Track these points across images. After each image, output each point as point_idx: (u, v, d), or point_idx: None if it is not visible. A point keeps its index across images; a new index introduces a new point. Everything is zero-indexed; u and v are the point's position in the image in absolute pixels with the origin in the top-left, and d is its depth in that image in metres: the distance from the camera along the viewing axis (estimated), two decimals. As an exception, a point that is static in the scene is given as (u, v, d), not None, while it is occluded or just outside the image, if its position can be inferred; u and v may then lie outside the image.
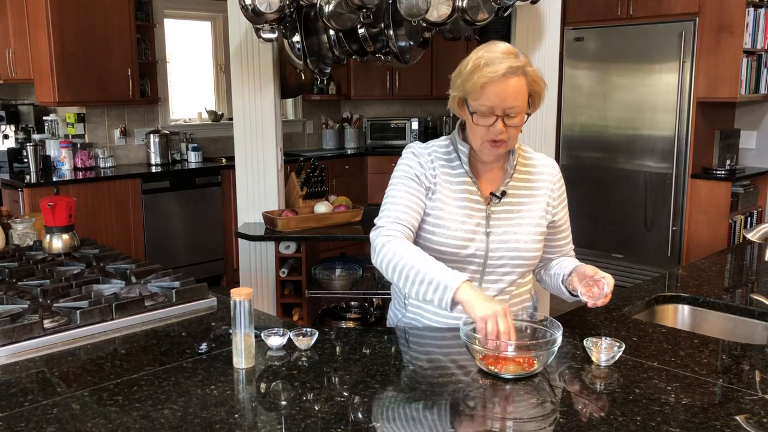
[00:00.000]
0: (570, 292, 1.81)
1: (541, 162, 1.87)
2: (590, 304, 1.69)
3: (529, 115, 1.71)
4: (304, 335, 1.68)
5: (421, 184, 1.77)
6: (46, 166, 5.20)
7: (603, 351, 1.56)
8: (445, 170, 1.78)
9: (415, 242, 1.77)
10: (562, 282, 1.83)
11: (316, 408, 1.36)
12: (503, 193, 1.77)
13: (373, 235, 1.74)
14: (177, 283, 2.03)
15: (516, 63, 1.63)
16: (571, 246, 1.96)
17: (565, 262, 1.87)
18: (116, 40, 5.21)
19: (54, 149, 5.30)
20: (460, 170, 1.78)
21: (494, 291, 1.80)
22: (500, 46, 1.67)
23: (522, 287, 1.88)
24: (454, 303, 1.56)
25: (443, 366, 1.65)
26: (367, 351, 1.70)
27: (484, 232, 1.76)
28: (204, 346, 1.66)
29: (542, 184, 1.83)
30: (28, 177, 4.95)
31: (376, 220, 1.78)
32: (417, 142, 1.87)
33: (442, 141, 1.84)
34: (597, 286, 1.69)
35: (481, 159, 1.78)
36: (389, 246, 1.67)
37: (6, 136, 5.64)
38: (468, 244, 1.75)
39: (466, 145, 1.77)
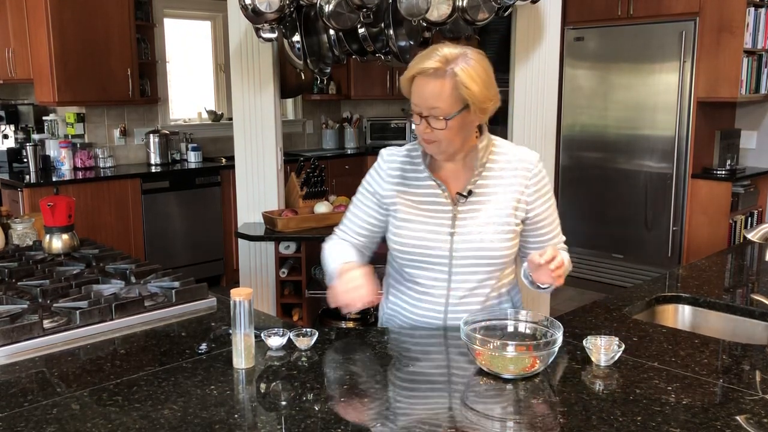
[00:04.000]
0: (536, 283, 1.76)
1: (516, 157, 1.79)
2: (544, 278, 1.67)
3: (453, 119, 1.64)
4: (303, 335, 1.68)
5: (372, 196, 1.84)
6: (46, 166, 5.20)
7: (603, 351, 1.56)
8: (411, 174, 1.80)
9: (389, 246, 1.84)
10: (526, 276, 1.80)
11: (316, 408, 1.36)
12: (470, 193, 1.75)
13: None
14: (177, 284, 2.03)
15: (436, 65, 1.61)
16: (559, 240, 1.89)
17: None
18: (116, 40, 5.21)
19: (54, 149, 5.30)
20: (425, 174, 1.79)
21: (464, 291, 1.78)
22: (440, 49, 1.64)
23: (499, 288, 1.83)
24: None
25: (443, 366, 1.65)
26: (367, 351, 1.70)
27: (448, 233, 1.75)
28: (204, 346, 1.66)
29: (514, 180, 1.76)
30: (27, 177, 4.95)
31: None
32: (389, 148, 1.88)
33: (411, 145, 1.86)
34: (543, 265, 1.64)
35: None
36: (324, 247, 1.90)
37: (6, 136, 5.63)
38: (431, 244, 1.75)
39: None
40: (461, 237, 1.74)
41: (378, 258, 1.95)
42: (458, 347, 1.66)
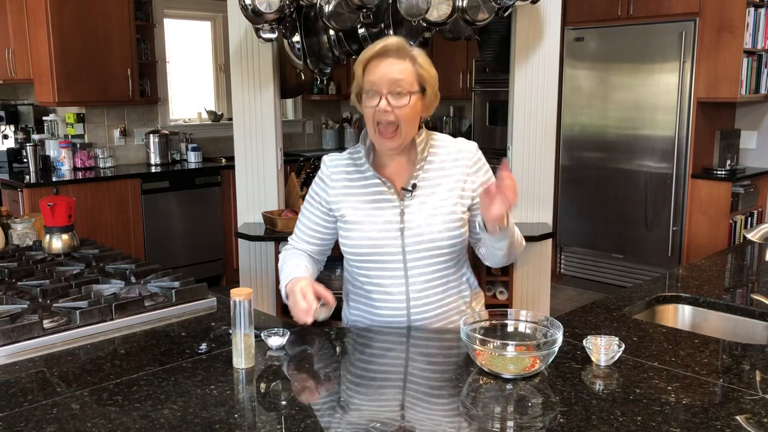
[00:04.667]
0: (486, 227, 1.71)
1: (456, 148, 1.82)
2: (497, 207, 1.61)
3: (416, 97, 1.69)
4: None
5: (321, 199, 1.87)
6: (46, 166, 5.20)
7: (603, 351, 1.56)
8: (354, 176, 1.82)
9: (341, 248, 1.85)
10: (481, 228, 1.75)
11: (316, 408, 1.36)
12: (414, 186, 1.77)
13: None
14: (177, 283, 2.03)
15: (395, 42, 1.69)
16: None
17: (478, 218, 1.79)
18: (116, 40, 5.21)
19: (54, 149, 5.30)
20: (369, 173, 1.80)
21: (422, 283, 1.79)
22: (391, 37, 1.74)
23: (456, 278, 1.85)
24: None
25: (444, 366, 1.65)
26: (367, 351, 1.70)
27: (397, 229, 1.76)
28: (204, 346, 1.66)
29: (456, 170, 1.79)
30: (27, 177, 4.95)
31: None
32: (330, 154, 1.93)
33: (353, 148, 1.89)
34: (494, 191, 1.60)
35: (386, 155, 1.79)
36: (280, 258, 1.94)
37: (6, 137, 5.64)
38: (382, 242, 1.76)
39: (364, 146, 1.82)
40: (411, 231, 1.76)
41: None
42: (459, 347, 1.66)
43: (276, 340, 1.66)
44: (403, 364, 1.65)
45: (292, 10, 2.99)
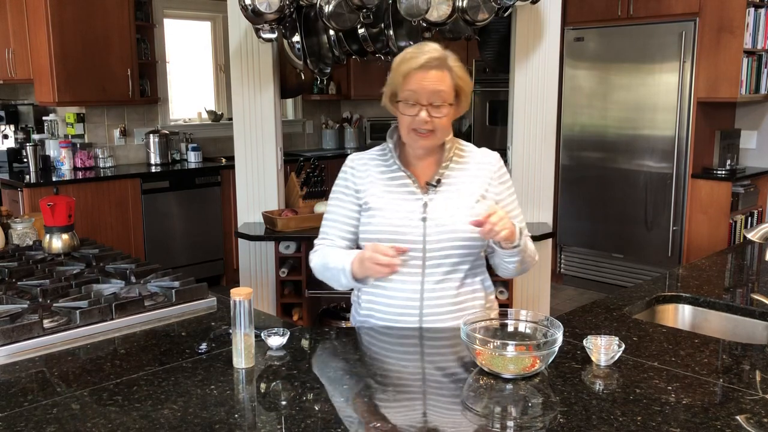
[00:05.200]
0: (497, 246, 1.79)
1: (479, 154, 1.91)
2: (493, 235, 1.70)
3: (452, 107, 1.76)
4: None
5: (348, 192, 1.88)
6: (46, 166, 5.20)
7: (603, 351, 1.56)
8: (380, 169, 1.87)
9: (361, 235, 1.86)
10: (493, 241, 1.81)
11: (316, 408, 1.36)
12: (438, 181, 1.82)
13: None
14: (177, 283, 2.03)
15: (437, 54, 1.73)
16: (521, 221, 1.91)
17: None
18: (116, 40, 5.21)
19: (54, 149, 5.30)
20: (394, 167, 1.86)
21: (438, 275, 1.81)
22: (429, 45, 1.78)
23: (472, 282, 1.88)
24: (354, 276, 1.77)
25: (443, 366, 1.65)
26: (367, 351, 1.70)
27: (420, 218, 1.80)
28: (204, 346, 1.66)
29: (480, 173, 1.87)
30: (27, 177, 4.95)
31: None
32: (354, 153, 1.97)
33: (378, 147, 1.93)
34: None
35: (414, 153, 1.85)
36: (313, 260, 1.93)
37: (6, 136, 5.64)
38: (404, 229, 1.79)
39: (393, 142, 1.87)
40: (433, 222, 1.80)
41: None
42: (458, 347, 1.66)
43: (276, 340, 1.66)
44: (403, 364, 1.65)
45: (292, 10, 2.99)
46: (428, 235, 1.79)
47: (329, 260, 1.86)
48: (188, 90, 6.35)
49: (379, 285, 1.86)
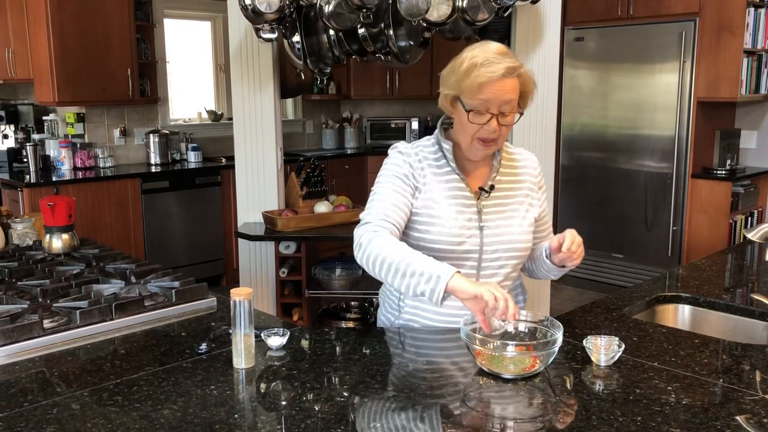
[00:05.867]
0: (553, 262, 1.82)
1: (522, 156, 1.91)
2: (569, 262, 1.74)
3: (521, 114, 1.73)
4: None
5: (409, 183, 1.77)
6: (46, 166, 5.20)
7: (603, 351, 1.56)
8: (433, 169, 1.79)
9: (409, 243, 1.76)
10: (547, 257, 1.82)
11: (316, 408, 1.36)
12: (492, 187, 1.79)
13: (359, 231, 1.72)
14: (177, 283, 2.03)
15: (513, 64, 1.66)
16: (550, 233, 1.97)
17: (544, 244, 1.88)
18: (116, 40, 5.21)
19: (54, 149, 5.30)
20: (447, 168, 1.79)
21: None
22: (493, 46, 1.69)
23: (519, 285, 1.94)
24: (446, 293, 1.55)
25: (443, 366, 1.65)
26: (367, 351, 1.70)
27: (477, 227, 1.77)
28: (204, 346, 1.66)
29: (526, 177, 1.87)
30: (27, 177, 4.95)
31: (362, 215, 1.76)
32: (402, 142, 1.87)
33: (426, 141, 1.85)
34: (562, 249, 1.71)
35: (467, 157, 1.79)
36: (376, 241, 1.66)
37: (6, 136, 5.64)
38: (463, 240, 1.76)
39: (449, 143, 1.80)
40: (490, 231, 1.78)
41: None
42: (458, 348, 1.66)
43: (276, 340, 1.66)
44: (402, 364, 1.65)
45: (292, 10, 2.99)
46: (485, 245, 1.77)
47: (411, 259, 1.61)
48: (188, 90, 6.35)
49: None
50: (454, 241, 1.75)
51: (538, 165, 1.92)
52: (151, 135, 5.62)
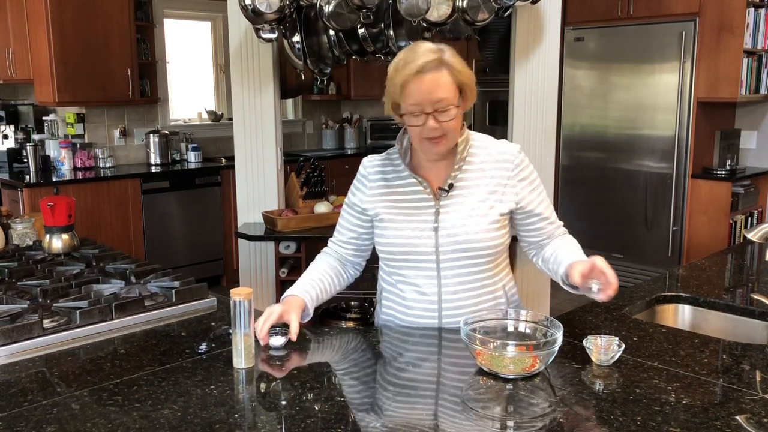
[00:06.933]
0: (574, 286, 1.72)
1: (497, 150, 1.80)
2: (602, 298, 1.62)
3: (458, 107, 1.67)
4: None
5: (355, 207, 1.87)
6: (46, 166, 5.20)
7: (603, 351, 1.56)
8: (391, 176, 1.82)
9: (376, 247, 1.86)
10: (565, 281, 1.76)
11: (316, 408, 1.36)
12: (450, 186, 1.75)
13: None
14: (177, 283, 2.03)
15: (430, 57, 1.61)
16: (558, 225, 1.88)
17: (560, 255, 1.78)
18: (116, 40, 5.21)
19: (54, 149, 5.30)
20: (405, 172, 1.80)
21: (455, 286, 1.77)
22: (421, 46, 1.66)
23: (492, 284, 1.81)
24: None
25: (443, 366, 1.65)
26: (367, 351, 1.70)
27: (431, 228, 1.75)
28: (204, 346, 1.66)
29: (496, 172, 1.77)
30: (27, 177, 4.95)
31: None
32: (369, 156, 1.90)
33: (393, 148, 1.86)
34: (598, 279, 1.61)
35: (425, 157, 1.78)
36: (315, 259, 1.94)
37: (6, 137, 5.64)
38: (415, 241, 1.75)
39: (401, 146, 1.81)
40: (445, 231, 1.74)
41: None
42: (459, 348, 1.66)
43: (277, 340, 1.65)
44: (402, 364, 1.65)
45: (292, 10, 2.99)
46: (441, 245, 1.74)
47: (303, 275, 1.90)
48: (188, 90, 6.35)
49: (397, 293, 1.84)
50: (407, 243, 1.76)
51: (517, 156, 1.78)
52: (151, 135, 5.62)
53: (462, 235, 1.73)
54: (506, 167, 1.77)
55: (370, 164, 1.87)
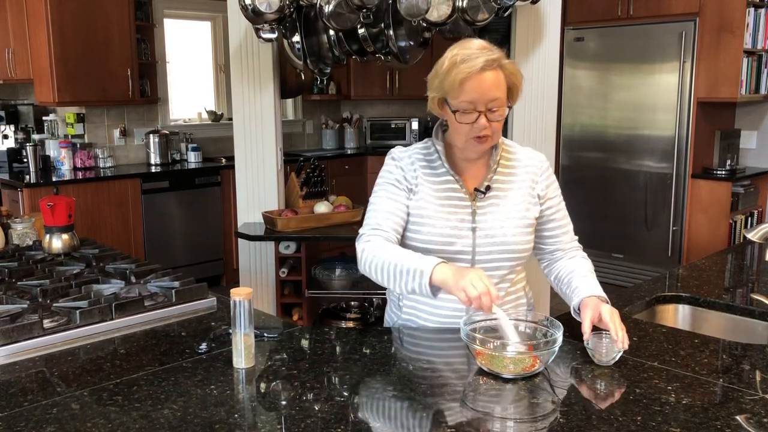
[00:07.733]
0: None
1: (525, 155, 1.85)
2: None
3: (510, 107, 1.70)
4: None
5: (402, 187, 1.78)
6: (46, 166, 5.20)
7: (603, 351, 1.56)
8: (427, 171, 1.79)
9: (404, 243, 1.78)
10: (575, 311, 1.76)
11: (316, 408, 1.36)
12: (487, 188, 1.77)
13: (357, 245, 1.78)
14: (176, 283, 2.03)
15: (491, 56, 1.63)
16: (572, 238, 1.91)
17: (575, 281, 1.80)
18: (116, 40, 5.21)
19: (54, 149, 5.30)
20: (441, 170, 1.79)
21: None
22: (474, 43, 1.67)
23: (516, 284, 1.87)
24: (433, 286, 1.58)
25: (444, 366, 1.65)
26: (367, 351, 1.70)
27: (469, 228, 1.75)
28: (204, 346, 1.66)
29: (527, 176, 1.81)
30: (27, 177, 4.95)
31: (359, 229, 1.81)
32: (397, 147, 1.87)
33: (421, 144, 1.85)
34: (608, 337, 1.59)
35: (463, 156, 1.78)
36: (369, 250, 1.72)
37: (6, 136, 5.64)
38: (454, 240, 1.75)
39: (441, 143, 1.80)
40: (483, 232, 1.75)
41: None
42: (459, 347, 1.66)
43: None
44: (403, 364, 1.65)
45: (292, 10, 2.99)
46: (478, 246, 1.75)
47: (398, 258, 1.65)
48: (188, 90, 6.35)
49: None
50: (445, 241, 1.75)
51: (544, 162, 1.85)
52: (151, 135, 5.62)
53: (500, 236, 1.75)
54: (535, 172, 1.83)
55: (404, 154, 1.82)
